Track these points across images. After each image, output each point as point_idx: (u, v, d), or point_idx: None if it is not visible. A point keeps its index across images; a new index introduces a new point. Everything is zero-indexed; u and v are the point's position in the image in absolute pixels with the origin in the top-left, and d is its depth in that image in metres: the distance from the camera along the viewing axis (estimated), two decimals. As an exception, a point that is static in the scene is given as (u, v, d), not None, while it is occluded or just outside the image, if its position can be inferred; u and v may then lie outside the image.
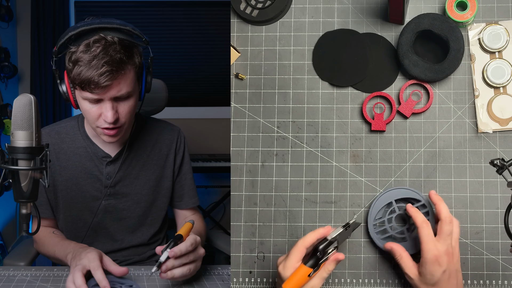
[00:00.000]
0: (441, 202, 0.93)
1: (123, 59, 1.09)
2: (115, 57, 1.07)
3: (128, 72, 1.12)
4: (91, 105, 1.14)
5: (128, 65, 1.12)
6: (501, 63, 1.02)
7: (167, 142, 1.40)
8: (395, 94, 1.05)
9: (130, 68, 1.13)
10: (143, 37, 1.15)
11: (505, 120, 1.01)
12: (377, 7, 1.07)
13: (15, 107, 0.84)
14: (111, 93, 1.11)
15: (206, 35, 3.57)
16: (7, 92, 3.08)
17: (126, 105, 1.16)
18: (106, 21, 1.11)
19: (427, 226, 0.91)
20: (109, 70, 1.07)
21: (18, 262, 1.36)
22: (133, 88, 1.16)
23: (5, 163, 0.85)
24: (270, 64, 1.08)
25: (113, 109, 1.14)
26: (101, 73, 1.06)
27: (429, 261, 0.88)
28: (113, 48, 1.08)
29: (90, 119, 1.18)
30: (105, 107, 1.13)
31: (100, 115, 1.15)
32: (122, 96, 1.14)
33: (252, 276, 1.04)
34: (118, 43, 1.09)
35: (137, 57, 1.15)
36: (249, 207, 1.05)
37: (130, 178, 1.34)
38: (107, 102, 1.13)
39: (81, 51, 1.07)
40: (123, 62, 1.09)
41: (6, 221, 3.07)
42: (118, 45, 1.09)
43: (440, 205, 0.92)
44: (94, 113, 1.15)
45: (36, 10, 3.32)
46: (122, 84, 1.12)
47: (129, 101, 1.17)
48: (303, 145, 1.06)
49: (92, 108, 1.14)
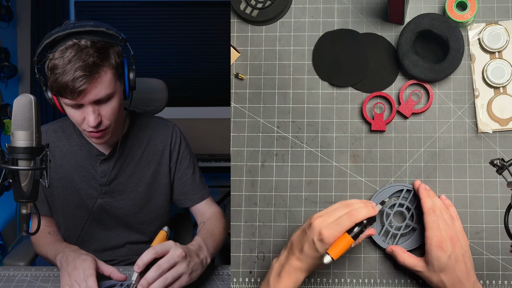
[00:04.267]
0: (425, 195, 0.96)
1: (97, 62, 1.09)
2: (87, 61, 1.07)
3: (104, 74, 1.12)
4: (74, 110, 1.14)
5: (103, 67, 1.11)
6: (501, 63, 1.02)
7: (161, 138, 1.39)
8: (395, 94, 1.05)
9: (106, 70, 1.12)
10: (119, 36, 1.14)
11: (505, 120, 1.01)
12: (377, 7, 1.07)
13: (15, 107, 0.84)
14: (89, 98, 1.11)
15: (206, 35, 3.57)
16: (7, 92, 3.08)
17: (108, 107, 1.16)
18: (79, 25, 1.10)
19: (433, 213, 0.93)
20: (82, 75, 1.07)
21: (18, 262, 1.37)
22: (113, 89, 1.15)
23: (5, 163, 0.85)
24: (270, 64, 1.08)
25: (94, 113, 1.13)
26: (74, 78, 1.06)
27: (434, 247, 0.90)
28: (86, 52, 1.08)
29: (75, 123, 1.19)
30: (87, 112, 1.14)
31: (84, 119, 1.15)
32: (102, 99, 1.14)
33: (252, 276, 1.04)
34: (91, 46, 1.09)
35: (114, 57, 1.14)
36: (249, 207, 1.05)
37: (125, 176, 1.34)
38: (88, 107, 1.13)
39: (56, 58, 1.08)
40: (96, 65, 1.09)
41: (6, 221, 3.07)
42: (91, 49, 1.08)
43: (422, 199, 0.95)
44: (78, 117, 1.15)
45: (36, 10, 3.32)
46: (99, 87, 1.11)
47: (111, 103, 1.16)
48: (303, 145, 1.06)
49: (75, 113, 1.15)
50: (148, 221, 1.40)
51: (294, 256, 0.90)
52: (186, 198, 1.42)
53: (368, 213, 0.89)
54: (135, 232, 1.39)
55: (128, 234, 1.39)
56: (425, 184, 0.99)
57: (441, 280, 0.91)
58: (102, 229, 1.37)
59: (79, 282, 1.01)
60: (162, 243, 1.04)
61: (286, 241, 0.96)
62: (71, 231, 1.35)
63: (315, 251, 0.87)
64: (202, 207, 1.42)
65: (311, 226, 0.88)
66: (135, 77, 1.20)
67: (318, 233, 0.87)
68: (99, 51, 1.10)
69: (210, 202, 1.45)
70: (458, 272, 0.90)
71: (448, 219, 0.94)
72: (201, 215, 1.41)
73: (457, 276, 0.90)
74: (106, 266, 1.09)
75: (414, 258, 0.96)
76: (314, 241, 0.87)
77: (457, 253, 0.91)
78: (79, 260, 1.06)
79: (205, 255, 1.12)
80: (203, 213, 1.41)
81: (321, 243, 0.87)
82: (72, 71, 1.06)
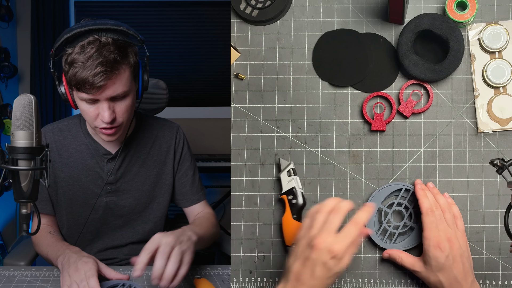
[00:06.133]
0: (422, 196, 0.96)
1: (117, 59, 1.10)
2: (109, 57, 1.08)
3: (123, 72, 1.13)
4: (88, 105, 1.15)
5: (123, 65, 1.13)
6: (501, 63, 1.02)
7: (166, 139, 1.41)
8: (395, 94, 1.05)
9: (125, 68, 1.14)
10: (138, 36, 1.15)
11: (505, 120, 1.01)
12: (377, 7, 1.07)
13: (15, 107, 0.84)
14: (107, 93, 1.12)
15: (206, 35, 3.57)
16: (7, 92, 3.08)
17: (123, 104, 1.17)
18: (101, 22, 1.12)
19: (431, 213, 0.93)
20: (103, 71, 1.08)
21: (18, 262, 1.37)
22: (129, 87, 1.17)
23: (5, 163, 0.85)
24: (270, 64, 1.08)
25: (109, 109, 1.15)
26: (95, 73, 1.07)
27: (431, 247, 0.91)
28: (107, 49, 1.09)
29: (88, 119, 1.19)
30: (102, 107, 1.14)
31: (97, 115, 1.16)
32: (118, 96, 1.15)
33: (252, 276, 1.04)
34: (112, 43, 1.10)
35: (132, 56, 1.15)
36: (249, 207, 1.05)
37: (131, 175, 1.35)
38: (103, 102, 1.14)
39: (76, 52, 1.09)
40: (117, 62, 1.10)
41: (6, 221, 3.07)
42: (112, 46, 1.10)
43: (420, 199, 0.96)
44: (92, 113, 1.16)
45: (36, 10, 3.32)
46: (117, 84, 1.13)
47: (125, 101, 1.18)
48: (303, 145, 1.06)
49: (89, 108, 1.16)
50: (151, 221, 1.40)
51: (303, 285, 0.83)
52: (184, 199, 1.43)
53: (369, 214, 0.87)
54: (138, 231, 1.40)
55: (132, 234, 1.39)
56: (422, 184, 0.99)
57: (439, 280, 0.91)
58: (106, 228, 1.37)
59: (79, 283, 1.01)
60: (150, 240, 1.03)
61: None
62: (75, 230, 1.36)
63: (328, 271, 0.82)
64: (197, 208, 1.44)
65: (315, 249, 0.82)
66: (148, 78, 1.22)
67: (328, 252, 0.81)
68: (119, 49, 1.11)
69: (205, 204, 1.46)
70: (456, 272, 0.90)
71: (449, 218, 0.94)
72: (194, 216, 1.43)
73: (455, 276, 0.90)
74: (108, 268, 1.10)
75: (412, 258, 0.96)
76: (325, 262, 0.81)
77: (454, 253, 0.91)
78: (81, 262, 1.06)
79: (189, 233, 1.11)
80: (196, 214, 1.43)
81: (334, 260, 0.81)
82: (93, 66, 1.07)
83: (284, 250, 1.04)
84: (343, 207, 0.86)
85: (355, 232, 0.84)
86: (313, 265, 0.82)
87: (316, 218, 0.86)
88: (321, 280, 0.82)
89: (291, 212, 1.01)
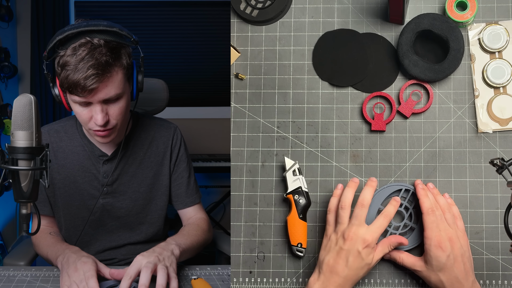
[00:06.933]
0: (423, 196, 0.96)
1: (109, 61, 1.09)
2: (100, 60, 1.07)
3: (115, 74, 1.12)
4: (82, 108, 1.14)
5: (115, 67, 1.12)
6: (501, 63, 1.02)
7: (163, 140, 1.40)
8: (395, 94, 1.05)
9: (118, 70, 1.13)
10: (131, 37, 1.14)
11: (505, 120, 1.01)
12: (377, 7, 1.07)
13: (15, 107, 0.84)
14: (99, 96, 1.11)
15: (206, 35, 3.57)
16: (7, 92, 3.08)
17: (116, 106, 1.16)
18: (93, 24, 1.10)
19: (432, 213, 0.94)
20: (95, 74, 1.07)
21: (18, 262, 1.36)
22: (122, 89, 1.16)
23: (5, 163, 0.85)
24: (270, 64, 1.08)
25: (102, 111, 1.14)
26: (87, 76, 1.06)
27: (433, 247, 0.91)
28: (99, 51, 1.08)
29: (82, 121, 1.19)
30: (95, 110, 1.14)
31: (91, 118, 1.15)
32: (111, 98, 1.14)
33: (252, 276, 1.04)
34: (104, 45, 1.09)
35: (125, 58, 1.14)
36: (249, 207, 1.05)
37: (127, 176, 1.34)
38: (96, 105, 1.13)
39: (68, 55, 1.08)
40: (109, 65, 1.09)
41: (6, 221, 3.07)
42: (104, 48, 1.09)
43: (421, 199, 0.96)
44: (85, 116, 1.15)
45: (36, 10, 3.32)
46: (109, 87, 1.12)
47: (119, 103, 1.17)
48: (303, 145, 1.06)
49: (83, 111, 1.15)
50: (149, 222, 1.40)
51: (337, 276, 0.90)
52: (178, 201, 1.42)
53: (395, 208, 0.95)
54: (135, 233, 1.39)
55: (129, 235, 1.39)
56: (423, 184, 0.99)
57: (440, 279, 0.91)
58: (103, 229, 1.37)
59: (78, 283, 1.01)
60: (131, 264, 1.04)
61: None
62: (72, 232, 1.35)
63: (361, 260, 0.90)
64: (190, 211, 1.42)
65: (348, 239, 0.90)
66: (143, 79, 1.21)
67: (362, 241, 0.90)
68: (111, 51, 1.10)
69: (199, 208, 1.44)
70: (457, 272, 0.90)
71: (449, 218, 0.94)
72: (187, 219, 1.42)
73: (456, 276, 0.90)
74: (107, 268, 1.09)
75: (413, 258, 0.96)
76: (359, 251, 0.90)
77: (455, 253, 0.91)
78: (80, 262, 1.06)
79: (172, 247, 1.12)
80: (189, 218, 1.42)
81: (367, 249, 0.90)
82: (84, 69, 1.06)
83: (287, 250, 1.04)
84: (365, 200, 0.94)
85: (385, 224, 0.93)
86: (347, 255, 0.90)
87: (340, 214, 0.94)
88: (355, 270, 0.90)
89: (297, 212, 1.01)
